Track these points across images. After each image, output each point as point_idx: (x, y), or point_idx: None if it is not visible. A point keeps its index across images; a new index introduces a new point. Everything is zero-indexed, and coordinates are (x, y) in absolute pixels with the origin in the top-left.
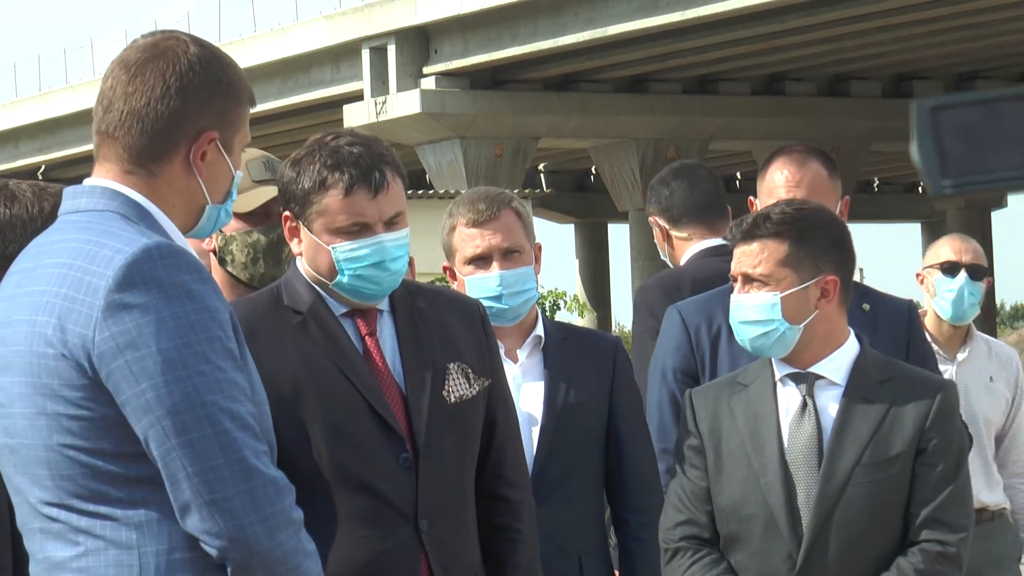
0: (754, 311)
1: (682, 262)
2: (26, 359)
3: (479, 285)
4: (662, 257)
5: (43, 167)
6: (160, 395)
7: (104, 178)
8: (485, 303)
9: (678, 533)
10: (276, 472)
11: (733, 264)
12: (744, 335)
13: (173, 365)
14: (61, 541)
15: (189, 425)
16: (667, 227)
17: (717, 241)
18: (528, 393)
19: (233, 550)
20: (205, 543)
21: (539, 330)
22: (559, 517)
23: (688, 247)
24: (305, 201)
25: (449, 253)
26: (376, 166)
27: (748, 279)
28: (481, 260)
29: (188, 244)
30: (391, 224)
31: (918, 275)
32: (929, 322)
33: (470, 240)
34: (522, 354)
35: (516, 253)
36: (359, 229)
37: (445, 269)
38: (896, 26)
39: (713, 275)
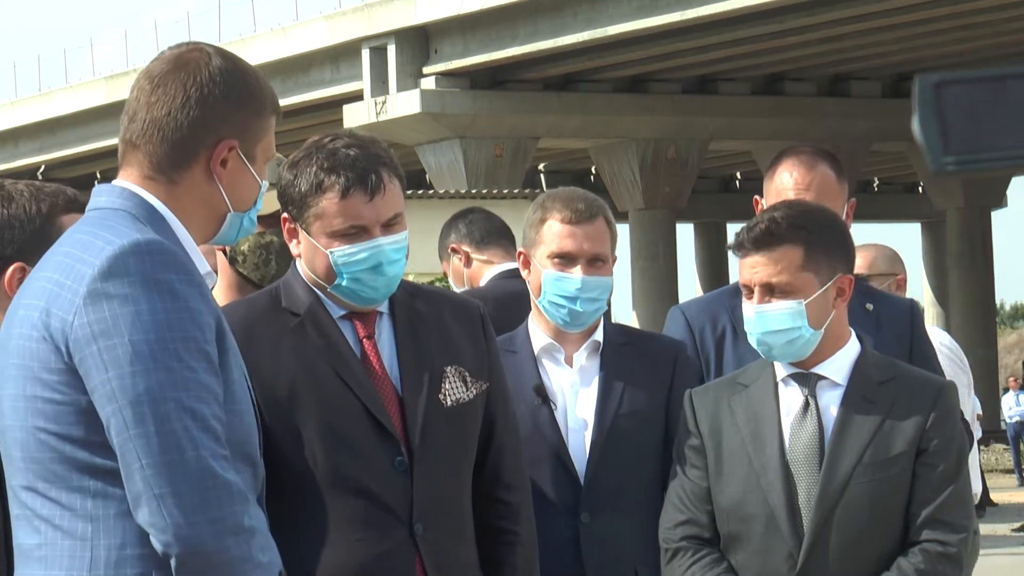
0: (780, 320)
1: (481, 283)
2: (17, 341)
3: (559, 284)
4: (455, 287)
5: (43, 167)
6: (124, 385)
7: (126, 181)
8: (559, 302)
9: (678, 533)
10: (232, 477)
11: (746, 274)
12: (769, 345)
13: (142, 357)
14: (29, 529)
15: (148, 417)
16: (469, 251)
17: (511, 265)
18: (583, 399)
19: (175, 546)
20: (152, 537)
21: (598, 335)
22: (613, 527)
23: (488, 269)
24: (302, 204)
25: (532, 244)
26: (372, 168)
27: (769, 289)
28: (567, 259)
29: (201, 256)
30: (389, 226)
31: None
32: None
33: (561, 236)
34: (579, 358)
35: (600, 262)
36: (356, 232)
37: (520, 255)
38: (896, 26)
39: (511, 293)
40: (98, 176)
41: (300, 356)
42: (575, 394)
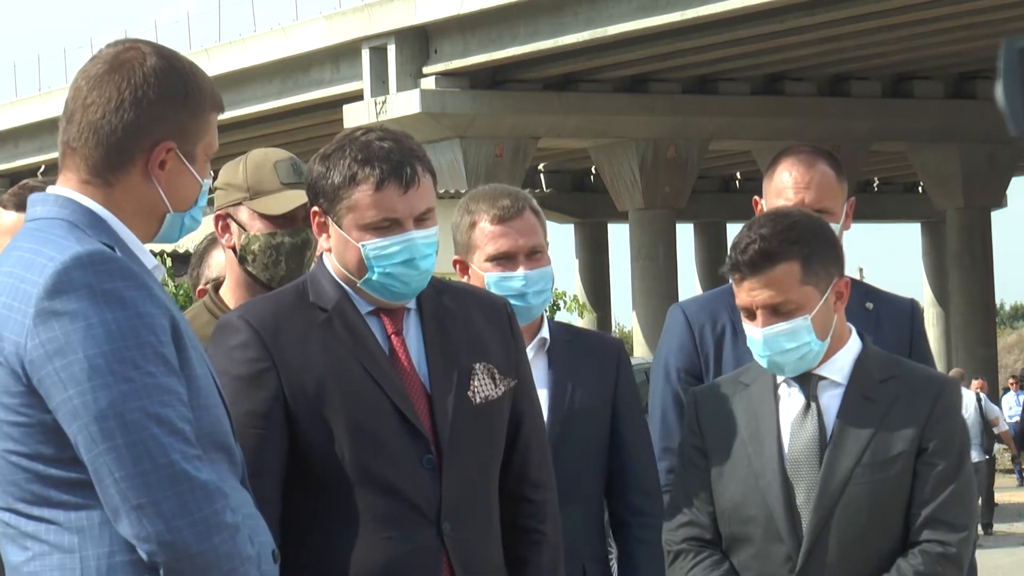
0: (790, 339)
1: None
2: None
3: (504, 284)
4: None
5: (43, 167)
6: (86, 401)
7: (64, 187)
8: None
9: (680, 535)
10: (207, 476)
11: (745, 297)
12: (781, 363)
13: (99, 371)
14: (15, 545)
15: (115, 431)
16: None
17: None
18: None
19: (162, 554)
20: (138, 548)
21: (544, 332)
22: (568, 522)
23: None
24: (335, 196)
25: (466, 249)
26: (407, 161)
27: (773, 310)
28: (506, 259)
29: (146, 251)
30: (421, 221)
31: None
32: None
33: (495, 238)
34: (528, 355)
35: (538, 253)
36: (389, 225)
37: (456, 263)
38: (896, 26)
39: None
40: None
41: (328, 352)
42: None
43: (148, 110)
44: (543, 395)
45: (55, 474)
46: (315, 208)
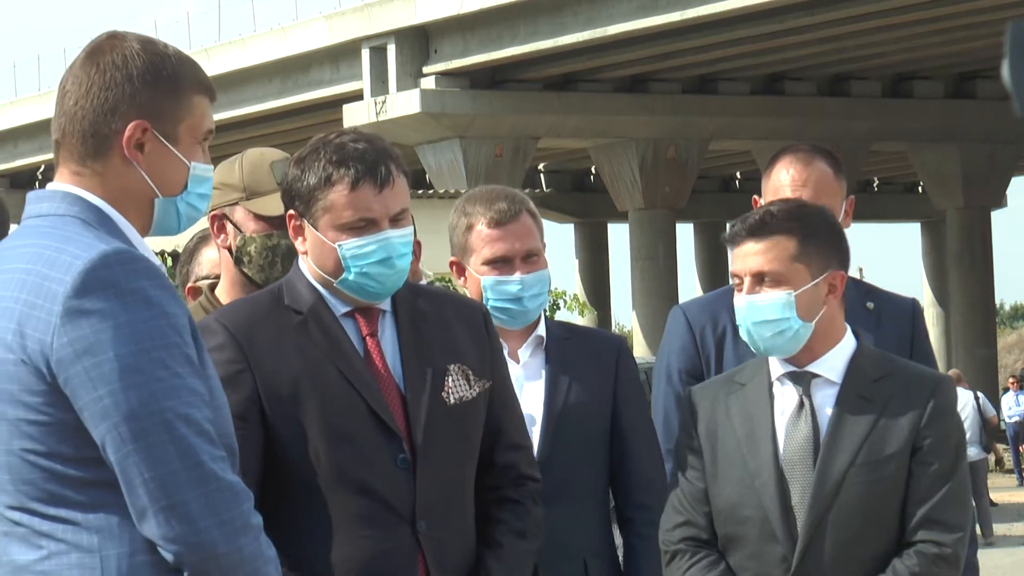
0: (769, 310)
1: None
2: None
3: (500, 288)
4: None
5: (42, 167)
6: (117, 401)
7: (61, 182)
8: (504, 305)
9: (677, 535)
10: (233, 477)
11: (737, 263)
12: (757, 336)
13: (130, 371)
14: (24, 544)
15: (146, 431)
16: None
17: None
18: (530, 393)
19: (190, 555)
20: (162, 548)
21: (541, 330)
22: (563, 518)
23: None
24: (310, 198)
25: (463, 251)
26: (381, 161)
27: (759, 278)
28: (502, 262)
29: (148, 248)
30: (396, 220)
31: None
32: None
33: (492, 241)
34: (524, 354)
35: (535, 256)
36: (365, 225)
37: (452, 264)
38: (896, 26)
39: None
40: None
41: (303, 354)
42: (521, 388)
43: (116, 90)
44: (540, 391)
45: (73, 474)
46: (291, 212)
